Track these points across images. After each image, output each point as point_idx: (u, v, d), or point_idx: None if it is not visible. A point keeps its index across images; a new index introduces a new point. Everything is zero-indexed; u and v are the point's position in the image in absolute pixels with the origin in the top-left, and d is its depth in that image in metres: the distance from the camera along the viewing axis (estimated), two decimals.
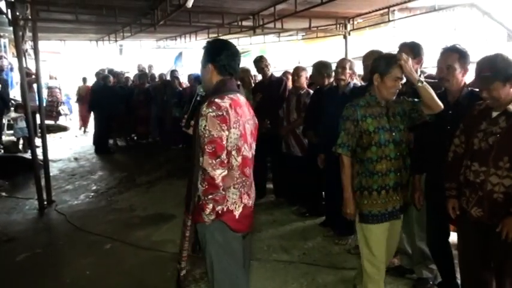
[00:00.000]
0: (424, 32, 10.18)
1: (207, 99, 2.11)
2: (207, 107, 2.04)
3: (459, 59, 2.61)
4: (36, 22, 5.75)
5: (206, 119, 2.02)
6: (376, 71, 2.54)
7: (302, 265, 3.60)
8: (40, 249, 4.21)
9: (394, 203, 2.57)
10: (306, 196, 4.84)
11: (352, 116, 2.54)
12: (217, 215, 2.08)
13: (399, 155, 2.54)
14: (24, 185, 6.65)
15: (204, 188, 2.04)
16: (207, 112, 2.02)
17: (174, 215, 4.98)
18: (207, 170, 2.00)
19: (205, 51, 2.22)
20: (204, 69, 2.22)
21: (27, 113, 5.58)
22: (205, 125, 2.02)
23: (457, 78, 2.63)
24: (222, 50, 2.18)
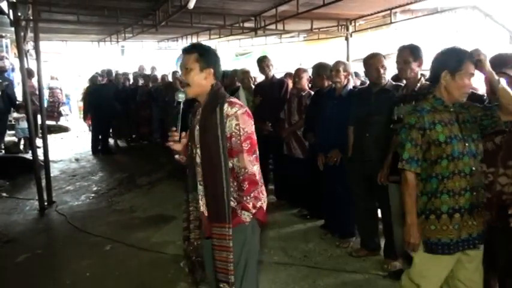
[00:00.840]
0: (425, 34, 10.17)
1: (213, 103, 2.08)
2: (230, 106, 2.04)
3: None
4: (38, 23, 5.76)
5: (237, 118, 2.02)
6: (445, 68, 2.17)
7: (303, 268, 3.58)
8: (40, 250, 4.20)
9: (469, 229, 2.16)
10: (307, 198, 4.83)
11: (419, 124, 2.17)
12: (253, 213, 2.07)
13: (475, 170, 2.15)
14: (24, 186, 6.64)
15: (246, 188, 2.03)
16: (235, 111, 2.03)
17: (174, 216, 4.96)
18: (247, 168, 2.02)
19: (202, 54, 2.12)
20: (201, 73, 2.11)
21: (28, 114, 5.58)
22: (236, 123, 2.02)
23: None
24: (218, 55, 2.21)
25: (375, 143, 3.37)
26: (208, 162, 2.07)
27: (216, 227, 2.05)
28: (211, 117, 2.06)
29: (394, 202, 3.24)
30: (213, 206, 2.07)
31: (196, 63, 2.10)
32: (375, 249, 3.74)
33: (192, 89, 2.13)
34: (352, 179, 3.68)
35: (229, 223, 2.02)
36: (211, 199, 2.08)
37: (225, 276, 2.04)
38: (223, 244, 2.03)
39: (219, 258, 2.05)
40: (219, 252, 2.05)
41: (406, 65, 3.03)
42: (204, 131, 2.08)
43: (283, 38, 10.88)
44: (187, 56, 2.13)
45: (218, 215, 2.04)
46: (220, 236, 2.04)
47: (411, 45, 3.09)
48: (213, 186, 2.06)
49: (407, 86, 3.17)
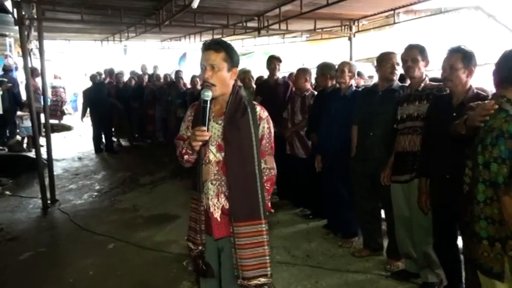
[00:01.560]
0: (429, 34, 10.17)
1: (241, 104, 2.08)
2: (262, 110, 2.11)
3: (462, 59, 2.59)
4: (42, 22, 5.76)
5: (268, 121, 2.11)
6: None
7: (306, 267, 3.58)
8: (43, 248, 4.21)
9: None
10: (309, 198, 4.83)
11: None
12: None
13: None
14: (28, 184, 6.67)
15: (269, 188, 2.13)
16: (267, 115, 2.12)
17: (177, 216, 4.97)
18: (274, 169, 2.15)
19: (231, 53, 2.03)
20: (228, 73, 2.04)
21: (31, 112, 5.60)
22: (268, 126, 2.11)
23: (460, 78, 2.60)
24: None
25: (379, 143, 3.36)
26: (237, 161, 2.03)
27: (245, 226, 2.03)
28: (242, 118, 2.04)
29: (396, 202, 3.23)
30: (244, 205, 2.04)
31: (225, 63, 2.01)
32: (378, 250, 3.73)
33: (219, 88, 2.03)
34: (355, 179, 3.67)
35: (265, 219, 2.07)
36: (242, 198, 2.04)
37: (263, 270, 2.07)
38: (259, 240, 2.05)
39: (254, 255, 2.04)
40: (253, 249, 2.04)
41: (414, 63, 3.02)
42: (234, 131, 2.03)
43: (286, 38, 10.88)
44: (215, 54, 2.00)
45: (252, 212, 2.04)
46: (253, 234, 2.04)
47: (419, 45, 3.09)
48: (243, 184, 2.03)
49: (411, 86, 3.17)
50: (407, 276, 3.30)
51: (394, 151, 3.20)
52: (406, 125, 3.08)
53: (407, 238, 3.23)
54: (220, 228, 2.09)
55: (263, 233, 2.06)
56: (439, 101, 2.82)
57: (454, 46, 2.66)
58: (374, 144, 3.40)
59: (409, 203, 3.12)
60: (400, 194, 3.19)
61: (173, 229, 4.59)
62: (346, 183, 3.85)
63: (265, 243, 2.07)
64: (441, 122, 2.57)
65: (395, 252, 3.45)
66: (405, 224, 3.22)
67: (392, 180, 3.23)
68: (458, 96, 2.64)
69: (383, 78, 3.50)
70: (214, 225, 2.09)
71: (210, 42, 2.07)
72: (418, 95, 3.06)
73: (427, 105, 2.98)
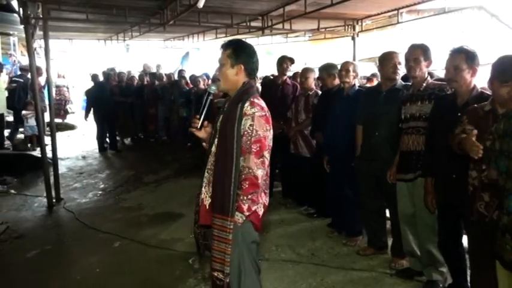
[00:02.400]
0: (432, 34, 10.17)
1: (237, 100, 2.14)
2: (250, 106, 2.09)
3: (466, 59, 2.60)
4: (48, 21, 5.80)
5: (252, 119, 2.08)
6: None
7: (311, 265, 3.60)
8: (49, 246, 4.25)
9: None
10: (314, 197, 4.85)
11: None
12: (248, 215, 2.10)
13: None
14: (32, 183, 6.71)
15: (245, 188, 2.07)
16: (253, 112, 2.08)
17: (182, 214, 5.00)
18: (252, 169, 2.06)
19: (235, 50, 2.18)
20: (232, 69, 2.18)
21: (37, 111, 5.63)
22: (251, 124, 2.07)
23: (464, 78, 2.62)
24: (254, 53, 2.24)
25: (385, 142, 3.37)
26: (222, 153, 2.11)
27: (217, 218, 2.09)
28: (233, 111, 2.12)
29: (402, 201, 3.25)
30: (218, 197, 2.09)
31: (228, 59, 2.17)
32: (382, 248, 3.75)
33: (224, 83, 2.20)
34: (360, 178, 3.69)
35: (231, 217, 2.05)
36: (218, 189, 2.10)
37: (221, 266, 2.09)
38: (222, 236, 2.08)
39: (218, 248, 2.10)
40: (218, 243, 2.09)
41: (416, 63, 3.04)
42: (225, 122, 2.13)
43: (288, 37, 10.90)
44: (222, 52, 2.20)
45: (223, 207, 2.07)
46: (221, 228, 2.08)
47: (423, 44, 3.10)
48: (222, 176, 2.09)
49: (414, 86, 3.19)
50: (412, 274, 3.32)
51: (399, 150, 3.22)
52: (410, 124, 3.10)
53: (412, 236, 3.25)
54: (205, 216, 2.18)
55: (227, 230, 2.06)
56: (442, 101, 2.83)
57: (457, 46, 2.67)
58: (380, 144, 3.42)
59: (413, 201, 3.15)
60: (405, 192, 3.20)
61: (178, 227, 4.62)
62: (351, 183, 3.87)
63: (228, 241, 2.06)
64: (446, 122, 2.58)
65: (399, 250, 3.46)
66: (409, 223, 3.24)
67: (397, 179, 3.25)
68: (463, 96, 2.65)
69: (385, 77, 3.53)
70: (202, 212, 2.21)
71: (224, 43, 2.27)
72: (420, 95, 3.08)
73: (429, 105, 2.99)
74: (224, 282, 2.10)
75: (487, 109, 2.30)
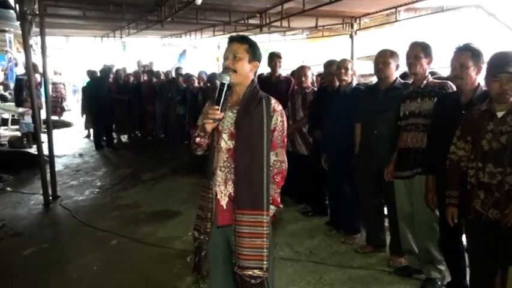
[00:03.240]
0: (429, 32, 10.16)
1: (255, 97, 2.14)
2: (277, 104, 2.16)
3: (472, 57, 2.60)
4: (44, 17, 5.74)
5: (282, 115, 2.15)
6: None
7: (309, 263, 3.60)
8: (46, 244, 4.22)
9: None
10: (311, 195, 4.84)
11: None
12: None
13: None
14: (28, 180, 6.66)
15: (278, 181, 2.16)
16: (281, 109, 2.17)
17: (179, 212, 4.99)
18: (284, 163, 2.16)
19: (252, 47, 2.17)
20: (249, 64, 2.15)
21: (33, 108, 5.59)
22: (281, 120, 2.14)
23: (470, 76, 2.62)
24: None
25: (384, 141, 3.37)
26: (247, 149, 2.08)
27: (247, 215, 2.05)
28: (256, 108, 2.10)
29: (400, 199, 3.25)
30: (247, 193, 2.06)
31: (247, 54, 2.15)
32: (381, 246, 3.75)
33: (238, 76, 2.13)
34: (359, 177, 3.68)
35: (267, 211, 2.07)
36: (246, 186, 2.06)
37: (259, 262, 2.05)
38: (258, 231, 2.05)
39: (252, 245, 2.05)
40: (252, 240, 2.05)
41: (416, 60, 3.04)
42: (249, 118, 2.09)
43: (286, 35, 10.87)
44: (238, 45, 2.15)
45: (255, 202, 2.05)
46: (254, 224, 2.05)
47: (423, 42, 3.10)
48: (250, 174, 2.06)
49: (414, 83, 3.18)
50: (411, 272, 3.32)
51: (397, 147, 3.22)
52: (409, 121, 3.10)
53: (410, 234, 3.25)
54: (224, 216, 2.13)
55: (263, 225, 2.06)
56: (445, 100, 2.83)
57: (462, 44, 2.67)
58: (379, 142, 3.41)
59: (411, 199, 3.15)
60: (403, 190, 3.21)
61: (176, 225, 4.60)
62: (350, 181, 3.87)
63: (265, 235, 2.06)
64: (449, 120, 2.58)
65: (398, 248, 3.46)
66: (407, 220, 3.24)
67: (395, 176, 3.25)
68: (467, 94, 2.65)
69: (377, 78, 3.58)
70: (219, 212, 2.14)
71: (236, 36, 2.23)
72: (420, 92, 3.08)
73: (429, 102, 3.00)
74: (263, 277, 2.07)
75: (483, 109, 2.33)
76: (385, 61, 3.41)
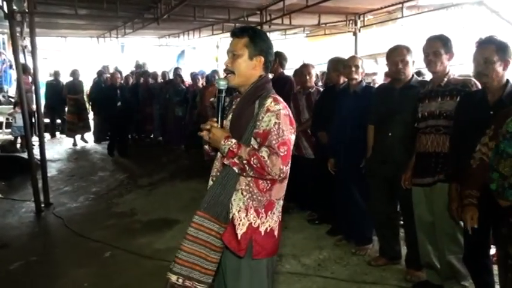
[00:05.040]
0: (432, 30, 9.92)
1: (254, 96, 1.84)
2: (275, 103, 1.79)
3: (497, 51, 2.34)
4: (34, 16, 5.47)
5: (277, 116, 1.76)
6: None
7: (318, 278, 3.31)
8: (35, 257, 3.96)
9: None
10: (317, 201, 4.55)
11: None
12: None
13: None
14: (21, 186, 6.40)
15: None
16: (279, 109, 1.77)
17: (178, 220, 4.71)
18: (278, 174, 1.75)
19: (255, 40, 1.85)
20: (250, 61, 1.85)
21: (23, 111, 5.32)
22: (276, 122, 1.75)
23: (496, 72, 2.35)
24: (272, 45, 1.92)
25: (399, 143, 3.10)
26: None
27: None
28: (247, 108, 1.83)
29: (419, 207, 2.98)
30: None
31: (246, 49, 1.84)
32: (396, 258, 3.47)
33: (237, 77, 1.85)
34: (372, 182, 3.40)
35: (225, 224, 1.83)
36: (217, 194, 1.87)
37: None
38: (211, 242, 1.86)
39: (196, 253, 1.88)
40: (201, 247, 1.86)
41: (436, 57, 2.76)
42: (237, 122, 1.85)
43: (286, 34, 10.59)
44: (236, 40, 1.86)
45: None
46: (210, 232, 1.85)
47: (442, 35, 2.82)
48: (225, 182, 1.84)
49: (433, 81, 2.91)
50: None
51: (415, 152, 2.94)
52: (428, 123, 2.82)
53: (430, 246, 2.96)
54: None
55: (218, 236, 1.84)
56: (470, 99, 2.55)
57: (485, 37, 2.42)
58: (393, 145, 3.13)
59: (432, 208, 2.87)
60: (422, 198, 2.93)
61: (174, 235, 4.30)
62: (360, 187, 3.59)
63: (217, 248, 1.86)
64: (475, 122, 2.32)
65: (415, 261, 3.18)
66: (427, 231, 2.96)
67: (413, 184, 2.97)
68: (495, 93, 2.37)
69: (390, 76, 3.33)
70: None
71: (236, 29, 1.91)
72: (441, 91, 2.80)
73: (450, 102, 2.72)
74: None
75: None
76: (404, 59, 3.13)
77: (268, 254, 1.87)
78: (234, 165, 1.76)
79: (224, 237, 1.82)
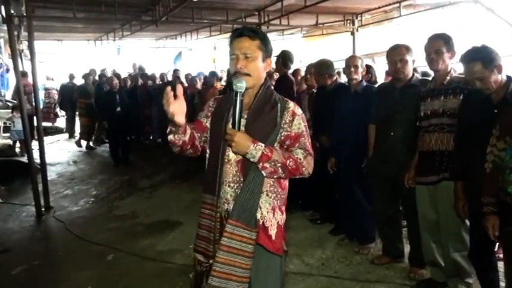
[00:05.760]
0: (428, 29, 9.95)
1: (270, 98, 1.88)
2: (297, 107, 1.88)
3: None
4: (32, 19, 5.45)
5: (303, 120, 1.87)
6: None
7: (322, 278, 3.31)
8: (37, 261, 3.94)
9: None
10: (319, 201, 4.56)
11: None
12: None
13: None
14: (21, 191, 6.37)
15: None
16: (301, 113, 1.88)
17: (180, 222, 4.70)
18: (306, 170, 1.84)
19: (266, 42, 1.86)
20: (263, 63, 1.86)
21: (22, 115, 5.29)
22: (305, 125, 1.87)
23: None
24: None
25: (401, 143, 3.10)
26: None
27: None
28: (270, 112, 1.84)
29: (422, 206, 2.98)
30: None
31: (260, 52, 1.83)
32: (399, 256, 3.47)
33: (253, 79, 1.83)
34: (374, 182, 3.40)
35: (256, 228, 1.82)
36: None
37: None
38: (244, 248, 1.81)
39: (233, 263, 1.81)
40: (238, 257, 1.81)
41: (438, 55, 2.77)
42: (262, 124, 1.82)
43: (284, 34, 10.59)
44: (249, 42, 1.81)
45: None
46: (242, 239, 1.80)
47: (444, 34, 2.83)
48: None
49: (435, 80, 2.91)
50: (434, 285, 3.03)
51: (418, 150, 2.95)
52: (431, 122, 2.82)
53: (434, 244, 2.97)
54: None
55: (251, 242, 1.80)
56: (474, 98, 2.55)
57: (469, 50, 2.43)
58: (395, 144, 3.13)
59: (436, 206, 2.88)
60: (426, 196, 2.93)
61: (176, 237, 4.31)
62: (363, 186, 3.60)
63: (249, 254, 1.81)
64: (479, 120, 2.32)
65: (418, 259, 3.19)
66: (431, 229, 2.96)
67: (417, 182, 2.97)
68: (499, 92, 2.38)
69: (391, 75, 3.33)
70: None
71: (244, 29, 1.87)
72: (443, 89, 2.81)
73: (454, 100, 2.73)
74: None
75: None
76: (402, 59, 3.13)
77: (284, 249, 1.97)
78: (264, 169, 1.77)
79: (261, 241, 1.82)
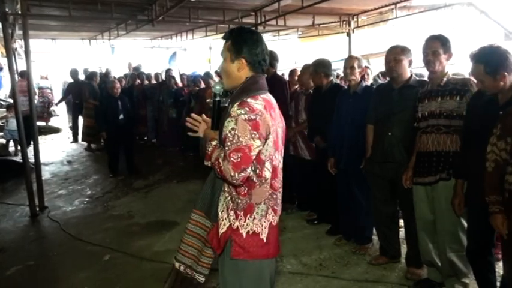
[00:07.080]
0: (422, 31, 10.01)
1: (234, 99, 1.83)
2: (238, 107, 1.75)
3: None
4: (27, 18, 5.40)
5: (236, 122, 1.73)
6: None
7: (320, 278, 3.32)
8: (32, 262, 3.91)
9: None
10: (316, 201, 4.56)
11: None
12: None
13: None
14: (15, 190, 6.31)
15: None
16: (239, 114, 1.73)
17: (176, 222, 4.69)
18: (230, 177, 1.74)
19: (235, 42, 1.85)
20: (232, 64, 1.86)
21: (17, 115, 5.25)
22: (233, 127, 1.72)
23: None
24: (258, 42, 1.87)
25: (399, 144, 3.11)
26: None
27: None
28: (227, 112, 1.83)
29: (420, 206, 3.00)
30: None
31: (228, 53, 1.87)
32: (396, 257, 3.48)
33: (225, 81, 1.92)
34: (371, 182, 3.42)
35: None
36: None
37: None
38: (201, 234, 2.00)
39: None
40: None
41: (435, 56, 2.79)
42: (222, 125, 1.86)
43: (281, 35, 10.60)
44: (224, 44, 1.90)
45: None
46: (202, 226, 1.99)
47: (441, 35, 2.85)
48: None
49: (432, 81, 2.93)
50: (431, 285, 3.05)
51: (416, 151, 2.96)
52: (429, 123, 2.84)
53: (431, 244, 2.99)
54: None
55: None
56: (479, 99, 2.56)
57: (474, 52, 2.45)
58: (393, 145, 3.15)
59: (433, 206, 2.89)
60: (423, 197, 2.95)
61: (173, 237, 4.28)
62: (361, 186, 3.61)
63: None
64: (484, 121, 2.34)
65: (416, 259, 3.21)
66: (428, 229, 2.98)
67: (414, 183, 2.99)
68: (505, 94, 2.38)
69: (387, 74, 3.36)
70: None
71: (225, 32, 1.94)
72: (440, 91, 2.83)
73: (451, 101, 2.75)
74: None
75: None
76: (396, 58, 3.15)
77: (252, 256, 1.84)
78: (213, 167, 1.83)
79: (209, 235, 1.91)
